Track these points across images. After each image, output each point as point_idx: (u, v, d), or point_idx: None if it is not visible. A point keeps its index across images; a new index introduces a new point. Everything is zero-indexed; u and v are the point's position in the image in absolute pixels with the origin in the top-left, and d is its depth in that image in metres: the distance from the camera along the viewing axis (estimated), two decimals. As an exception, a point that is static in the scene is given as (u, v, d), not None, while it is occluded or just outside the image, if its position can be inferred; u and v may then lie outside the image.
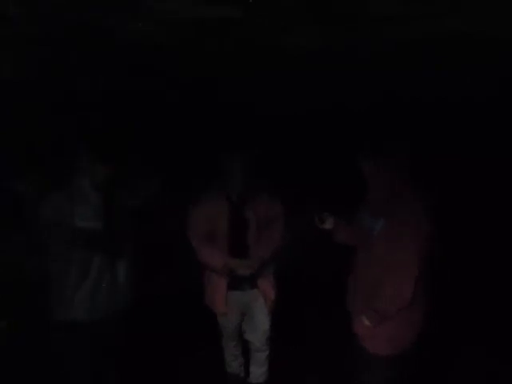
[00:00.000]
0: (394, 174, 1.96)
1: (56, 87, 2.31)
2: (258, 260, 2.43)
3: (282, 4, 1.68)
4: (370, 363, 2.02)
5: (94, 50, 2.22)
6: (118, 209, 2.10)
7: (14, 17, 1.69)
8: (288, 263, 2.59)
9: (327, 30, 1.93)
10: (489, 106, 2.96)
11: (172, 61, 2.23)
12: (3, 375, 2.13)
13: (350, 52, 2.05)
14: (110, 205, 2.06)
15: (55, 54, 2.14)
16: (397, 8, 1.72)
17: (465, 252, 3.79)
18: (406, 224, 1.84)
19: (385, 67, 2.26)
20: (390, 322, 1.93)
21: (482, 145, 3.61)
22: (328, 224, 2.27)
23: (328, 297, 2.55)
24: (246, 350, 2.77)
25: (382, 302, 1.90)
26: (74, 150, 2.10)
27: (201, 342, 2.95)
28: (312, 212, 2.21)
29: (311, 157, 3.40)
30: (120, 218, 2.11)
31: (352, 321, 2.08)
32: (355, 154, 2.03)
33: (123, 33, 1.94)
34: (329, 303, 2.39)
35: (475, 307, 3.57)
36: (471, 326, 3.36)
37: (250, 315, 2.60)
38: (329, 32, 1.93)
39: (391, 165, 1.96)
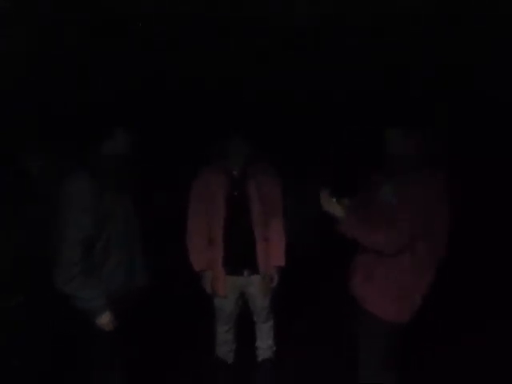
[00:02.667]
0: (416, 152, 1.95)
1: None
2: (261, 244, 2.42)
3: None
4: (373, 328, 2.06)
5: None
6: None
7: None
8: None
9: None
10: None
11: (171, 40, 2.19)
12: (21, 350, 2.16)
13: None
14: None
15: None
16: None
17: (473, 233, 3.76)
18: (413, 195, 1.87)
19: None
20: (394, 287, 1.98)
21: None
22: (339, 210, 1.99)
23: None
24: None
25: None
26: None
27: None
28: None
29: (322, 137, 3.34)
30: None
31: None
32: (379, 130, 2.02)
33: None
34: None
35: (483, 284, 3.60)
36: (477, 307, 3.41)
37: (247, 296, 2.59)
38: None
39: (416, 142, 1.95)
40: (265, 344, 2.74)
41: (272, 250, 2.48)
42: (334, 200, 2.00)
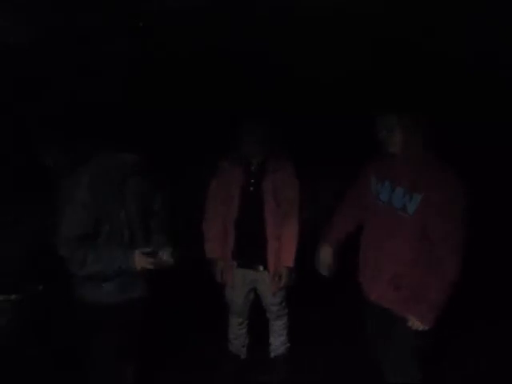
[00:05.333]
0: (421, 141, 1.92)
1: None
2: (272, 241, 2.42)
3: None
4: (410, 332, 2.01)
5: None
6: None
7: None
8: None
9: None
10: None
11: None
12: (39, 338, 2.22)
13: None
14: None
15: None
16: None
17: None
18: (447, 196, 1.82)
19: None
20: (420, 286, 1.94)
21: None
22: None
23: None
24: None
25: (433, 292, 1.89)
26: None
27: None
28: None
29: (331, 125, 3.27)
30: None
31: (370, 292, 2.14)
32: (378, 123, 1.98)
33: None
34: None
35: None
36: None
37: (258, 291, 2.61)
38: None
39: (419, 131, 1.91)
40: (277, 341, 2.74)
41: (282, 250, 2.47)
42: None
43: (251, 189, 2.41)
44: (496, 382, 2.67)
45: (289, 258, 2.47)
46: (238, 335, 2.73)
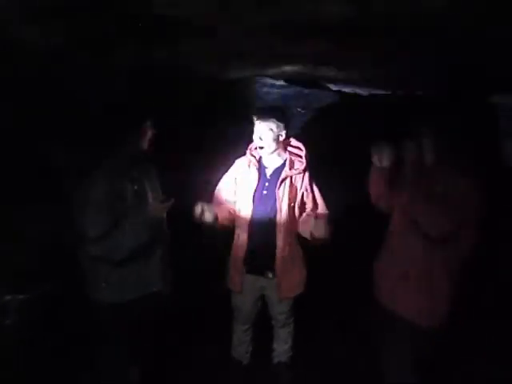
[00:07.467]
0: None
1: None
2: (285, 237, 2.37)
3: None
4: (405, 334, 2.05)
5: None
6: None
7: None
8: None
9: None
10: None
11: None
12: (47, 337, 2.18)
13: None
14: None
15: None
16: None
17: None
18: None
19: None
20: (427, 294, 1.98)
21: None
22: (385, 160, 2.07)
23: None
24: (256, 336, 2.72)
25: None
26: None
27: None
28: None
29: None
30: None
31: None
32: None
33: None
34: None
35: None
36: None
37: (266, 299, 2.56)
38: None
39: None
40: (281, 348, 2.69)
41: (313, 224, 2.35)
42: None
43: (264, 192, 2.36)
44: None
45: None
46: (242, 342, 2.68)
